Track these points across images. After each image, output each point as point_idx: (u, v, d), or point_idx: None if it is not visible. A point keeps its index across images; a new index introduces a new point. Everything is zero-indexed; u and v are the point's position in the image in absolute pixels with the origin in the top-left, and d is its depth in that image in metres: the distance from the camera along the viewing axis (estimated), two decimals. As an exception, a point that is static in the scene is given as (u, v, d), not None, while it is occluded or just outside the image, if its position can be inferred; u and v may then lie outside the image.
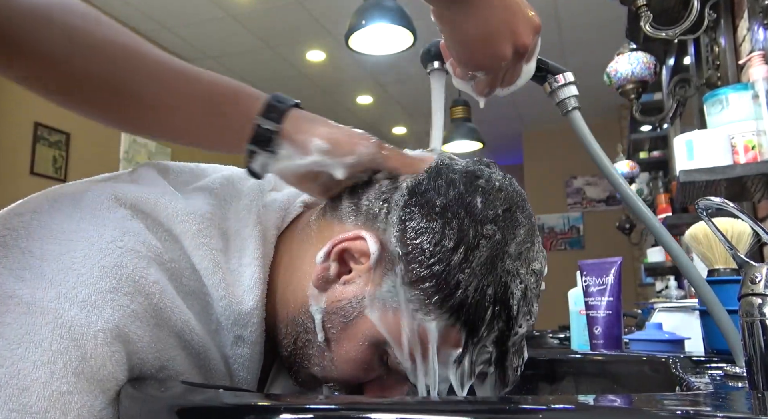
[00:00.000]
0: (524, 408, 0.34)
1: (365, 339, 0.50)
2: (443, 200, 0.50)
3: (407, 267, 0.49)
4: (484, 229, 0.49)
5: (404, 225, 0.50)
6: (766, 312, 0.43)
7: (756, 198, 1.47)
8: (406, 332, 0.49)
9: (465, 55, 0.56)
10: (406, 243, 0.49)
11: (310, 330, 0.53)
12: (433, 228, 0.49)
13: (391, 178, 0.53)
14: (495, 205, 0.51)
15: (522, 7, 0.56)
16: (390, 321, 0.50)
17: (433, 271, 0.48)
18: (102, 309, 0.44)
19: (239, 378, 0.54)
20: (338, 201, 0.56)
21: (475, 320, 0.49)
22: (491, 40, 0.54)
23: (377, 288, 0.50)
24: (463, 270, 0.48)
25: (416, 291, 0.49)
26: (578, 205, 6.45)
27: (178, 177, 0.59)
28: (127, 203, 0.51)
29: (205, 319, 0.52)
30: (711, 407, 0.35)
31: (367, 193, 0.53)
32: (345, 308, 0.51)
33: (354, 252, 0.51)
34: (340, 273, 0.52)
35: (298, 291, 0.54)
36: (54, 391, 0.42)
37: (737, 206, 0.49)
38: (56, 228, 0.48)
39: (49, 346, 0.42)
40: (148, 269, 0.47)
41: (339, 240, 0.51)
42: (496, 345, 0.50)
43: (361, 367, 0.52)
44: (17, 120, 3.48)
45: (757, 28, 1.49)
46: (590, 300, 1.02)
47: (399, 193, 0.52)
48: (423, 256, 0.49)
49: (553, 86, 0.64)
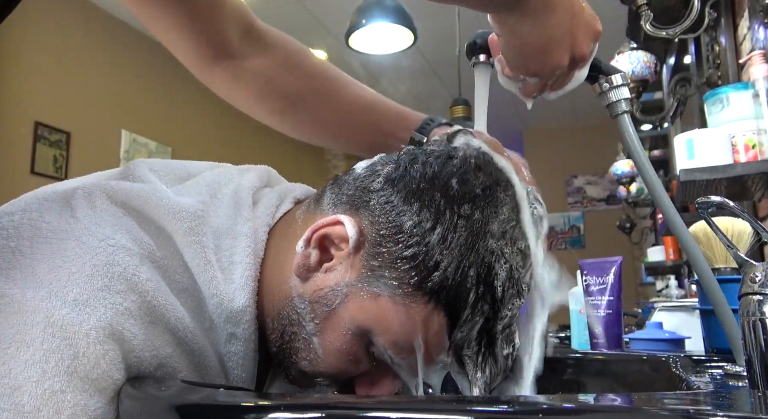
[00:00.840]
0: (524, 407, 0.34)
1: (349, 328, 0.50)
2: (419, 183, 0.50)
3: (386, 250, 0.49)
4: (461, 209, 0.49)
5: (381, 209, 0.50)
6: (766, 311, 0.43)
7: (756, 197, 1.47)
8: (390, 318, 0.49)
9: (520, 61, 0.55)
10: (384, 226, 0.49)
11: (295, 322, 0.52)
12: (410, 210, 0.49)
13: (369, 165, 0.55)
14: (473, 185, 0.50)
15: (584, 13, 0.54)
16: (372, 307, 0.49)
17: (411, 253, 0.48)
18: (94, 308, 0.44)
19: (234, 376, 0.54)
20: (322, 193, 0.56)
21: (457, 302, 0.48)
22: (550, 48, 0.53)
23: (358, 274, 0.50)
24: (442, 252, 0.48)
25: (395, 273, 0.48)
26: (579, 204, 6.45)
27: (169, 174, 0.59)
28: (119, 201, 0.51)
29: (199, 317, 0.51)
30: (711, 406, 0.35)
31: (348, 183, 0.54)
32: (327, 296, 0.51)
33: (334, 238, 0.51)
34: (322, 261, 0.52)
35: (282, 284, 0.54)
36: (46, 390, 0.41)
37: (737, 205, 0.49)
38: (46, 227, 0.48)
39: (40, 345, 0.42)
40: (141, 267, 0.47)
41: (318, 225, 0.51)
42: (484, 329, 0.49)
43: (348, 359, 0.51)
44: (17, 119, 3.48)
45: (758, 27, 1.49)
46: (590, 299, 1.02)
47: (377, 180, 0.52)
48: (400, 239, 0.49)
49: (604, 87, 0.62)
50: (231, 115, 5.38)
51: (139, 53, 4.34)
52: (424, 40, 1.08)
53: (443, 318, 0.49)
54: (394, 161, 0.53)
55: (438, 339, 0.49)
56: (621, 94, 0.61)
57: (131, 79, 4.28)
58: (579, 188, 6.48)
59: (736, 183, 1.32)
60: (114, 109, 4.12)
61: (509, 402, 0.34)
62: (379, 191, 0.51)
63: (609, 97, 0.62)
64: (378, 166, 0.54)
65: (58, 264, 0.45)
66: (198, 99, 4.97)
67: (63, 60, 3.75)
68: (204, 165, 0.63)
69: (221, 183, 0.58)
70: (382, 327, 0.49)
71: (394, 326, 0.49)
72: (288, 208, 0.60)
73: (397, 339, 0.49)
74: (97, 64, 4.00)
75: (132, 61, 4.28)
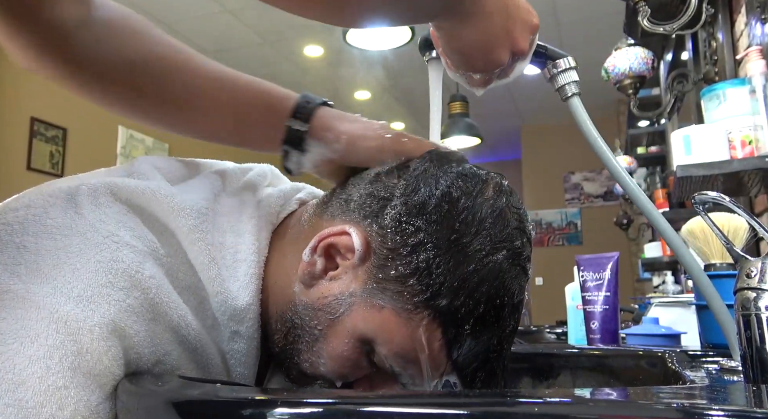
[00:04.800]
0: (521, 401, 0.34)
1: (352, 337, 0.50)
2: (430, 199, 0.50)
3: (392, 264, 0.49)
4: (473, 229, 0.49)
5: (391, 222, 0.50)
6: (761, 306, 0.43)
7: (753, 193, 1.48)
8: (393, 330, 0.49)
9: (462, 61, 0.55)
10: (391, 240, 0.49)
11: (298, 326, 0.53)
12: (420, 226, 0.49)
13: (380, 173, 0.54)
14: (483, 207, 0.51)
15: (519, 9, 0.54)
16: (376, 318, 0.49)
17: (417, 269, 0.48)
18: (98, 304, 0.44)
19: (236, 374, 0.54)
20: (330, 197, 0.56)
21: (461, 319, 0.48)
22: (488, 47, 0.53)
23: (363, 284, 0.50)
24: (450, 270, 0.48)
25: (401, 288, 0.48)
26: (576, 200, 6.46)
27: (173, 172, 0.59)
28: (123, 198, 0.51)
29: (202, 314, 0.52)
30: (707, 400, 0.35)
31: (358, 189, 0.54)
32: (331, 305, 0.51)
33: (340, 248, 0.51)
34: (327, 269, 0.52)
35: (286, 288, 0.54)
36: (50, 386, 0.41)
37: (734, 201, 0.49)
38: (51, 223, 0.47)
39: (44, 341, 0.42)
40: (144, 264, 0.47)
41: (325, 235, 0.51)
42: (482, 346, 0.49)
43: (349, 365, 0.52)
44: (14, 115, 3.47)
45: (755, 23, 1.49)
46: (587, 294, 1.02)
47: (386, 192, 0.52)
48: (407, 254, 0.49)
49: (552, 72, 0.63)
50: (228, 111, 5.38)
51: (136, 49, 4.32)
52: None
53: (446, 334, 0.49)
54: (404, 173, 0.53)
55: (439, 355, 0.49)
56: (569, 77, 0.62)
57: (128, 75, 4.26)
58: (576, 184, 6.48)
59: (733, 179, 1.32)
60: (111, 105, 4.11)
61: (506, 396, 0.34)
62: (388, 204, 0.51)
63: (557, 81, 0.63)
64: (386, 175, 0.54)
65: (62, 260, 0.45)
66: (195, 95, 4.96)
67: (59, 56, 3.74)
68: (207, 163, 0.63)
69: (225, 181, 0.58)
70: (385, 338, 0.49)
71: (397, 338, 0.49)
72: (293, 208, 0.60)
73: (399, 350, 0.49)
74: (93, 59, 3.98)
75: (129, 56, 4.27)
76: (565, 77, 0.63)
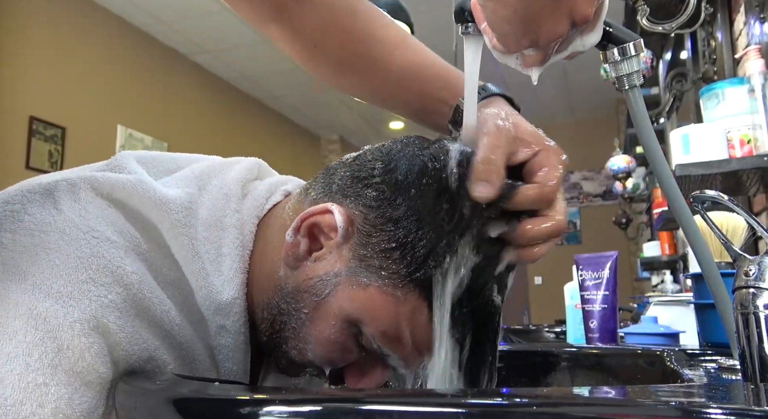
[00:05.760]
0: (519, 400, 0.34)
1: (338, 318, 0.50)
2: (409, 175, 0.50)
3: (375, 240, 0.49)
4: (450, 204, 0.48)
5: (371, 199, 0.50)
6: (759, 305, 0.43)
7: (751, 192, 1.48)
8: (378, 307, 0.48)
9: (510, 34, 0.45)
10: (373, 216, 0.49)
11: (284, 311, 0.52)
12: (399, 201, 0.49)
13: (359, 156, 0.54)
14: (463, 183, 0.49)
15: None
16: (361, 296, 0.49)
17: (400, 244, 0.48)
18: (78, 300, 0.43)
19: (225, 369, 0.54)
20: (313, 183, 0.56)
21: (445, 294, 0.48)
22: (542, 15, 0.43)
23: (347, 263, 0.49)
24: (432, 243, 0.48)
25: (384, 263, 0.48)
26: (575, 199, 6.46)
27: (157, 166, 0.58)
28: (104, 192, 0.51)
29: (187, 309, 0.51)
30: (705, 398, 0.35)
31: (339, 173, 0.53)
32: (316, 286, 0.50)
33: (323, 227, 0.51)
34: (311, 250, 0.51)
35: (272, 275, 0.53)
36: (29, 383, 0.41)
37: (732, 200, 0.49)
38: (29, 219, 0.47)
39: (23, 338, 0.42)
40: (126, 259, 0.47)
41: (307, 214, 0.51)
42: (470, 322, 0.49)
43: (336, 349, 0.51)
44: (12, 114, 3.46)
45: (754, 22, 1.49)
46: (586, 294, 1.02)
47: (367, 170, 0.52)
48: (389, 229, 0.48)
49: (615, 58, 0.54)
50: (226, 110, 5.38)
51: (135, 48, 4.32)
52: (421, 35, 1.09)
53: (431, 310, 0.48)
54: (385, 153, 0.53)
55: (426, 331, 0.49)
56: (634, 65, 0.54)
57: (127, 74, 4.26)
58: (575, 184, 6.49)
59: (732, 178, 1.32)
60: (110, 104, 4.10)
61: (504, 395, 0.34)
62: (370, 181, 0.51)
63: (620, 68, 0.54)
64: (368, 156, 0.53)
65: (41, 256, 0.45)
66: (194, 94, 4.96)
67: (58, 54, 3.74)
68: (193, 157, 0.62)
69: (210, 175, 0.58)
70: (371, 317, 0.49)
71: (383, 316, 0.48)
72: (278, 199, 0.59)
73: (386, 329, 0.49)
74: (92, 58, 3.98)
75: (128, 55, 4.26)
76: (630, 65, 0.54)
